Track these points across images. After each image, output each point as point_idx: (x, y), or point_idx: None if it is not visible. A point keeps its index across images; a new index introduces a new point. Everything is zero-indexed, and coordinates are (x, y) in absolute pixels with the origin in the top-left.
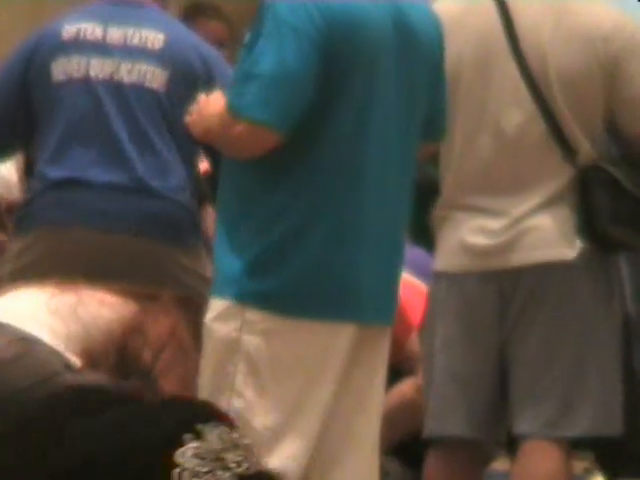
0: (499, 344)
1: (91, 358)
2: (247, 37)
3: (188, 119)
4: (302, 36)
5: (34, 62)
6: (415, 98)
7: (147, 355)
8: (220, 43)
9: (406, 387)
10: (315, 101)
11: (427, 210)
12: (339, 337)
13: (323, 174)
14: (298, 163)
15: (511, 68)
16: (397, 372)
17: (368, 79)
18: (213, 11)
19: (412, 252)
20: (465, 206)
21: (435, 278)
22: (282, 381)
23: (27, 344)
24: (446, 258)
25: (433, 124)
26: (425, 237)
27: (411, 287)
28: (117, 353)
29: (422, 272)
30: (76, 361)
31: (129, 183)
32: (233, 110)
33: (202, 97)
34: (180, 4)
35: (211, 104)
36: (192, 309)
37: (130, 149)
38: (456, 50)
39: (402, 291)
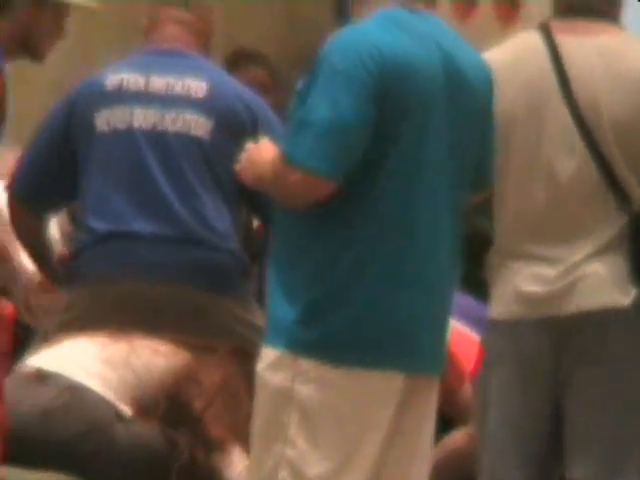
0: (554, 391)
1: (142, 406)
2: (300, 85)
3: (238, 167)
4: (356, 85)
5: (77, 114)
6: (465, 145)
7: (198, 404)
8: (264, 89)
9: (458, 437)
10: (368, 149)
11: (480, 261)
12: (390, 386)
13: (376, 222)
14: (351, 211)
15: (564, 115)
16: (448, 421)
17: (421, 126)
18: (256, 58)
19: (461, 300)
20: (519, 254)
21: (490, 327)
22: (334, 430)
23: (77, 393)
24: (502, 306)
25: (480, 174)
26: (477, 286)
27: (462, 335)
28: (168, 401)
29: (471, 320)
30: (127, 410)
31: (175, 233)
32: (288, 158)
33: (251, 145)
34: (223, 52)
35: (262, 152)
36: (247, 359)
37: (174, 199)
38: (510, 97)
39: (453, 339)
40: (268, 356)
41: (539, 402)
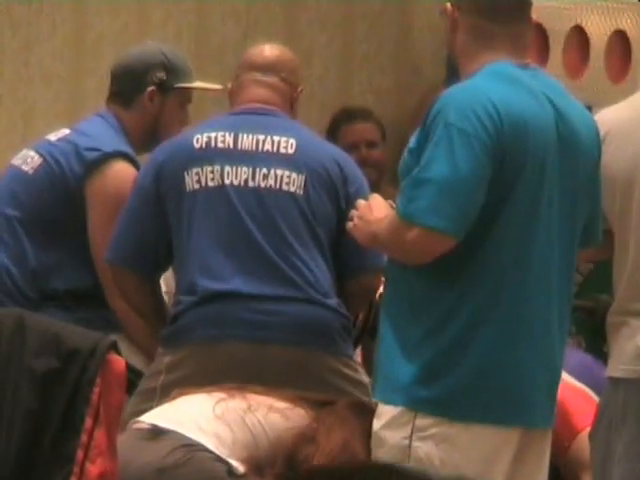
0: None
1: (257, 464)
2: (412, 143)
3: (350, 225)
4: (473, 141)
5: (165, 175)
6: (577, 201)
7: (316, 464)
8: (371, 144)
9: None
10: (485, 204)
11: (603, 334)
12: (507, 441)
13: (490, 277)
14: (466, 266)
15: None
16: (558, 476)
17: (534, 183)
18: (363, 113)
19: (578, 356)
20: None
21: (612, 385)
22: None
23: (190, 451)
24: (624, 365)
25: (589, 229)
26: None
27: (574, 390)
28: (285, 461)
29: (587, 377)
30: (240, 467)
31: (275, 291)
32: (406, 216)
33: (362, 202)
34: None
35: (374, 209)
36: (364, 414)
37: (272, 255)
38: (630, 156)
39: (566, 394)
40: (386, 414)
41: None
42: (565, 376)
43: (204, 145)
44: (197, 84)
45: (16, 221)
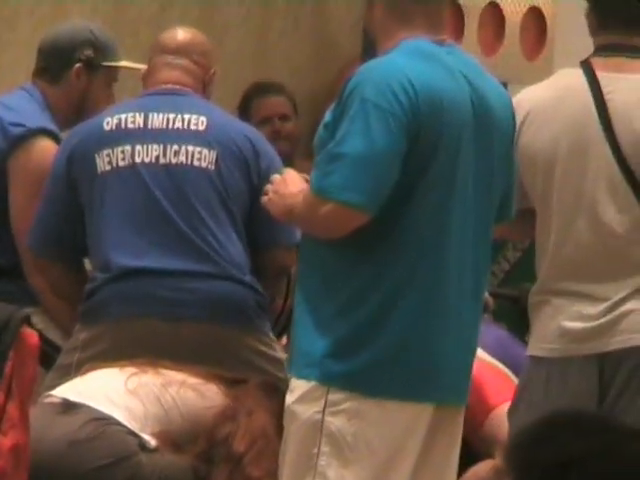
0: None
1: (170, 438)
2: (327, 117)
3: (265, 199)
4: (389, 117)
5: (76, 159)
6: (492, 177)
7: (239, 444)
8: (284, 117)
9: (482, 469)
10: (400, 180)
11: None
12: (420, 417)
13: (407, 252)
14: (382, 241)
15: (606, 154)
16: (472, 452)
17: (451, 158)
18: (274, 87)
19: (495, 332)
20: (562, 291)
21: (533, 364)
22: (364, 460)
23: (102, 424)
24: (546, 343)
25: (502, 204)
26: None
27: (489, 367)
28: (207, 440)
29: (503, 354)
30: (152, 441)
31: (189, 267)
32: (320, 191)
33: (277, 177)
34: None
35: (289, 183)
36: (274, 393)
37: (185, 231)
38: (551, 136)
39: (480, 370)
40: (298, 388)
41: None
42: (480, 352)
43: (114, 127)
44: (124, 63)
45: None
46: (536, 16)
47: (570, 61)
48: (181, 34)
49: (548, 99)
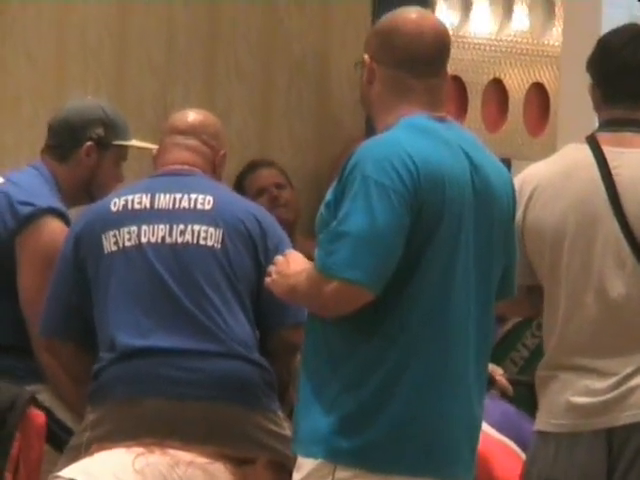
0: None
1: None
2: (329, 195)
3: (268, 280)
4: (391, 193)
5: (84, 241)
6: (493, 253)
7: None
8: (279, 186)
9: None
10: (403, 255)
11: None
12: None
13: (410, 329)
14: (386, 316)
15: (614, 229)
16: None
17: (453, 233)
18: (265, 161)
19: (500, 407)
20: (570, 366)
21: (541, 439)
22: None
23: None
24: (553, 419)
25: (504, 281)
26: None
27: (497, 443)
28: None
29: (505, 427)
30: None
31: (194, 346)
32: (324, 269)
33: (279, 258)
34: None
35: (291, 263)
36: (282, 473)
37: (191, 310)
38: (559, 212)
39: (489, 447)
40: (305, 466)
41: None
42: (487, 428)
43: (121, 208)
44: (134, 142)
45: None
46: (539, 92)
47: (574, 137)
48: (192, 115)
49: (555, 175)
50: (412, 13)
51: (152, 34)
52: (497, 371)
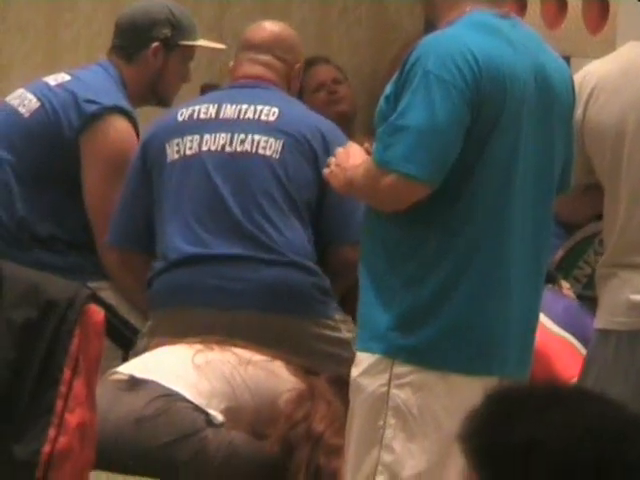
0: None
1: (245, 421)
2: (389, 89)
3: (327, 171)
4: (451, 89)
5: (150, 151)
6: (553, 149)
7: (319, 424)
8: (336, 80)
9: None
10: (462, 153)
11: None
12: (482, 390)
13: (472, 226)
14: (446, 215)
15: None
16: None
17: (514, 131)
18: (321, 58)
19: (563, 302)
20: (630, 264)
21: (600, 337)
22: (430, 433)
23: (169, 401)
24: (613, 316)
25: (561, 176)
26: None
27: (558, 340)
28: (287, 422)
29: (568, 323)
30: (218, 416)
31: (244, 253)
32: (382, 162)
33: (340, 150)
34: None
35: (351, 156)
36: (347, 391)
37: (241, 221)
38: (619, 110)
39: (547, 343)
40: (364, 362)
41: None
42: (549, 323)
43: (187, 117)
44: (201, 42)
45: (7, 164)
46: None
47: (633, 35)
48: (267, 29)
49: (614, 73)
50: None
51: None
52: (565, 285)
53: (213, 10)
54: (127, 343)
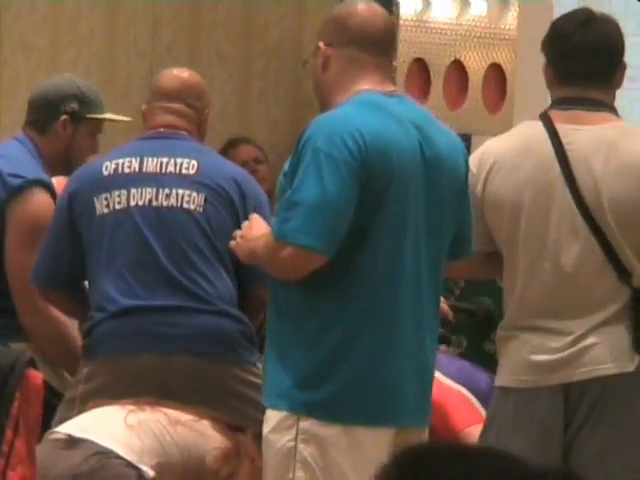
0: (563, 450)
1: (169, 472)
2: (286, 166)
3: (233, 244)
4: (340, 164)
5: (78, 200)
6: (443, 217)
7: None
8: (257, 160)
9: None
10: (354, 221)
11: (483, 335)
12: (383, 442)
13: (364, 289)
14: (340, 280)
15: (567, 201)
16: None
17: (403, 200)
18: (244, 139)
19: (456, 362)
20: (528, 327)
21: (501, 395)
22: None
23: (103, 458)
24: (513, 375)
25: (459, 241)
26: (481, 357)
27: (453, 392)
28: (213, 477)
29: (461, 380)
30: (149, 472)
31: (178, 303)
32: (280, 235)
33: (245, 223)
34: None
35: (254, 228)
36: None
37: (173, 271)
38: (516, 184)
39: (445, 395)
40: (272, 418)
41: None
42: (444, 379)
43: (112, 172)
44: (107, 115)
45: None
46: (497, 72)
47: (529, 114)
48: (176, 77)
49: (512, 149)
50: (363, 3)
51: (139, 22)
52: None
53: (142, 96)
54: (50, 408)
